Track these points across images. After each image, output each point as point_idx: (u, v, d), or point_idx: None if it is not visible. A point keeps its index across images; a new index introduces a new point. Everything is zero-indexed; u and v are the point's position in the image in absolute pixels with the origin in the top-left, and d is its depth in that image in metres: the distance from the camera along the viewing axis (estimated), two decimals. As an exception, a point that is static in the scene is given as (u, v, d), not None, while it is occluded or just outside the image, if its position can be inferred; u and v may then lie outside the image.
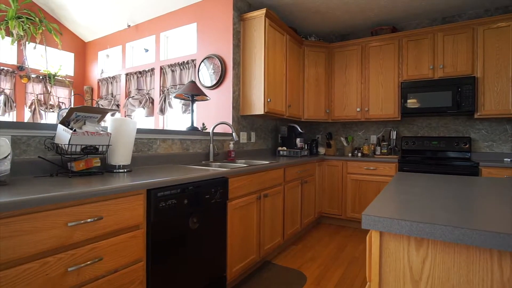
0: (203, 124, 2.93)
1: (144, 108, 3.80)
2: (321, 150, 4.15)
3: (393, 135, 3.73)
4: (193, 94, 2.61)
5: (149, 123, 3.99)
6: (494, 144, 3.38)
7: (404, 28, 3.84)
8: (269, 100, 3.00)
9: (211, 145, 2.56)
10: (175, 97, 2.72)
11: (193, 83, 2.67)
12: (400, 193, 1.12)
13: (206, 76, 3.14)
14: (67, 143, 1.41)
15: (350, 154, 3.96)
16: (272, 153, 3.75)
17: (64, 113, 1.50)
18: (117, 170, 1.69)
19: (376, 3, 3.26)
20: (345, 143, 4.03)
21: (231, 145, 2.80)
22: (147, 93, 3.83)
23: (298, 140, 3.60)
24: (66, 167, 1.53)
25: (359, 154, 3.87)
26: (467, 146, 3.40)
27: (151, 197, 1.38)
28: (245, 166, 2.17)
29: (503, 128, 3.34)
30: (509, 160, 3.21)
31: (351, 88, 3.85)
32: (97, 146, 1.55)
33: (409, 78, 3.50)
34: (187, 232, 1.59)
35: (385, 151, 3.73)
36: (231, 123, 2.98)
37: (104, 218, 1.18)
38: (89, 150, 1.52)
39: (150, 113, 3.77)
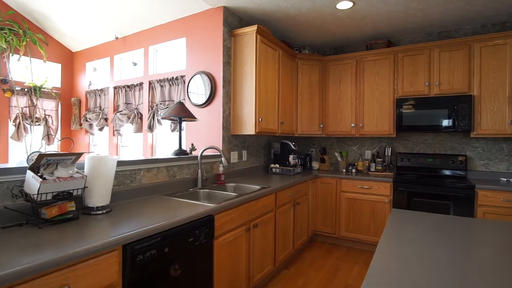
0: (192, 144, 2.82)
1: (132, 124, 3.68)
2: (315, 165, 4.07)
3: (388, 151, 3.66)
4: (182, 117, 2.51)
5: (137, 140, 3.88)
6: (490, 162, 3.32)
7: (399, 41, 3.76)
8: (260, 119, 2.90)
9: (199, 171, 2.46)
10: (162, 118, 2.62)
11: (180, 104, 2.57)
12: (393, 257, 1.03)
13: (195, 93, 3.04)
14: (36, 193, 1.31)
15: (344, 170, 3.88)
16: (264, 170, 3.66)
17: (34, 157, 1.39)
18: (95, 212, 1.59)
19: (371, 18, 3.17)
20: (339, 158, 3.96)
21: (221, 168, 2.70)
22: (136, 108, 3.71)
23: (291, 157, 3.52)
24: (38, 213, 1.42)
25: (354, 170, 3.80)
26: (463, 164, 3.34)
27: (128, 252, 1.28)
28: (233, 197, 2.08)
29: (500, 147, 3.28)
30: (505, 180, 3.15)
31: (345, 103, 3.77)
32: (71, 191, 1.45)
33: (404, 94, 3.42)
34: (169, 281, 1.50)
35: (380, 167, 3.66)
36: (221, 143, 2.88)
37: (71, 286, 1.08)
38: (62, 196, 1.41)
39: (139, 129, 3.65)
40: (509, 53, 2.96)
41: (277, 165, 3.52)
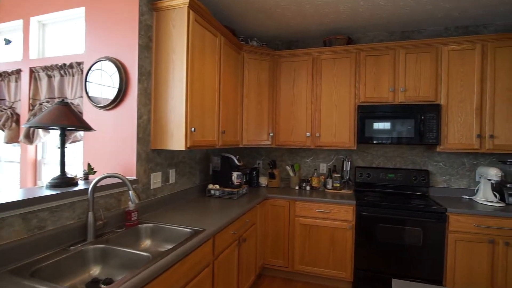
0: (89, 166, 1.88)
1: (3, 130, 2.51)
2: (263, 181, 3.39)
3: (347, 166, 3.15)
4: (63, 126, 1.55)
5: (14, 156, 2.70)
6: (452, 178, 3.03)
7: (359, 39, 3.29)
8: (192, 129, 2.08)
9: (90, 213, 1.54)
10: (30, 127, 1.63)
11: (62, 106, 1.61)
12: None
13: (97, 89, 2.08)
14: None
15: (297, 187, 3.28)
16: (200, 192, 2.84)
17: None
18: None
19: (334, 6, 2.59)
20: (291, 173, 3.34)
21: (131, 203, 1.81)
22: (10, 107, 2.54)
23: (235, 175, 2.76)
24: None
25: (308, 188, 3.22)
26: (425, 180, 2.99)
27: None
28: (145, 260, 1.25)
29: (461, 162, 3.00)
30: (467, 197, 2.88)
31: (300, 108, 3.16)
32: None
33: (366, 100, 2.94)
34: None
35: (338, 184, 3.14)
36: (135, 163, 1.99)
37: None
38: None
39: (15, 138, 2.50)
40: (477, 60, 2.66)
41: (217, 186, 2.73)
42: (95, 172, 1.90)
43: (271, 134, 3.21)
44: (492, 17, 2.77)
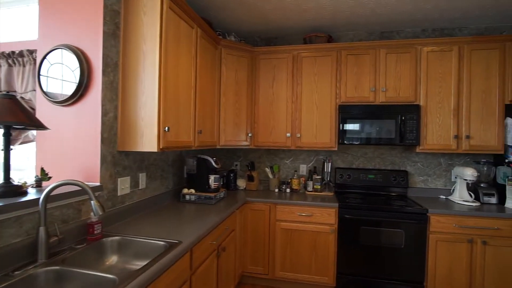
0: (43, 171, 1.60)
1: None
2: (241, 183, 3.22)
3: (328, 167, 3.07)
4: (7, 124, 1.28)
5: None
6: (429, 178, 3.06)
7: (339, 38, 3.23)
8: (166, 129, 1.87)
9: (41, 228, 1.28)
10: (-35, 125, 1.34)
11: (7, 99, 1.34)
12: None
13: (53, 81, 1.79)
14: None
15: (276, 190, 3.15)
16: (174, 197, 2.61)
17: None
18: None
19: (316, 1, 2.48)
20: (270, 175, 3.20)
21: (93, 215, 1.56)
22: None
23: (212, 178, 2.57)
24: None
25: (288, 190, 3.10)
26: (404, 181, 2.99)
27: None
28: (111, 283, 1.02)
29: (438, 162, 3.04)
30: (443, 197, 2.92)
31: (279, 107, 3.03)
32: None
33: (347, 100, 2.88)
34: None
35: (318, 186, 3.05)
36: (99, 167, 1.73)
37: None
38: None
39: (-51, 137, 2.12)
40: (454, 62, 2.69)
41: (192, 190, 2.52)
42: (49, 178, 1.63)
43: (249, 135, 3.05)
44: (467, 20, 2.82)
